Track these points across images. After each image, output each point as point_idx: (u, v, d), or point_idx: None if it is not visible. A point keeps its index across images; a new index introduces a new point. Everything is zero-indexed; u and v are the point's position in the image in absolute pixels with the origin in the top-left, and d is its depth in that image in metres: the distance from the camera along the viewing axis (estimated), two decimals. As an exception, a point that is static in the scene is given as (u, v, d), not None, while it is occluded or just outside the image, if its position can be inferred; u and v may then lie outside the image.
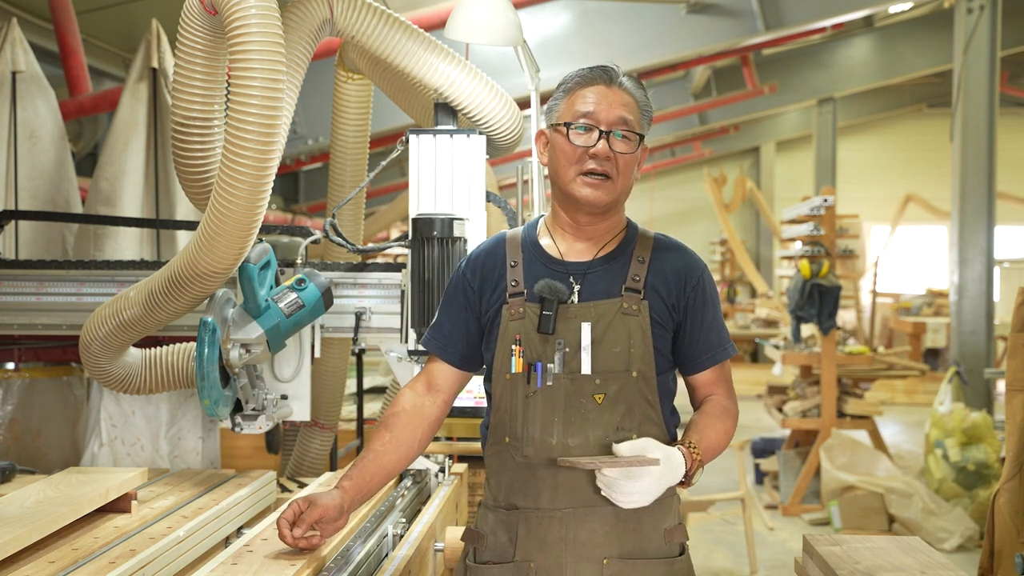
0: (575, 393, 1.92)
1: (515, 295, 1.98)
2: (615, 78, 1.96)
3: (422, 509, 2.63)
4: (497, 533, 1.97)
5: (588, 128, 1.93)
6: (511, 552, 1.94)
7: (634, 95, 1.97)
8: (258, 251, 2.55)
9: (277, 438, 3.41)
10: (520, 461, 1.95)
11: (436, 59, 2.76)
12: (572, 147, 1.93)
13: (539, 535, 1.92)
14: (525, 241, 2.04)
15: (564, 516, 1.91)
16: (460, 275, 2.07)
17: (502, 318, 1.98)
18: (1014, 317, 2.84)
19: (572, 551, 1.91)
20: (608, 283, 1.97)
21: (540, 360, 1.94)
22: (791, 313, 6.94)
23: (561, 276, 1.97)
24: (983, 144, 7.64)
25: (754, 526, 5.89)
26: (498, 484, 2.00)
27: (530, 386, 1.94)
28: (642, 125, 1.97)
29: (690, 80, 12.31)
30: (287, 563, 1.86)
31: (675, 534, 1.97)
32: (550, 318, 1.92)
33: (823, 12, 7.73)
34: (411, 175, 2.85)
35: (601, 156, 1.92)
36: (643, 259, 1.99)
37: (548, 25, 7.54)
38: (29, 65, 3.90)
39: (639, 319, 1.94)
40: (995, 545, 2.78)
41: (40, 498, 2.21)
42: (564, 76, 2.01)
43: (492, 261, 2.04)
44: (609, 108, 1.93)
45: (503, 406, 1.97)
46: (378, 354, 5.54)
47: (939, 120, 16.71)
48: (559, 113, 1.97)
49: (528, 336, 1.95)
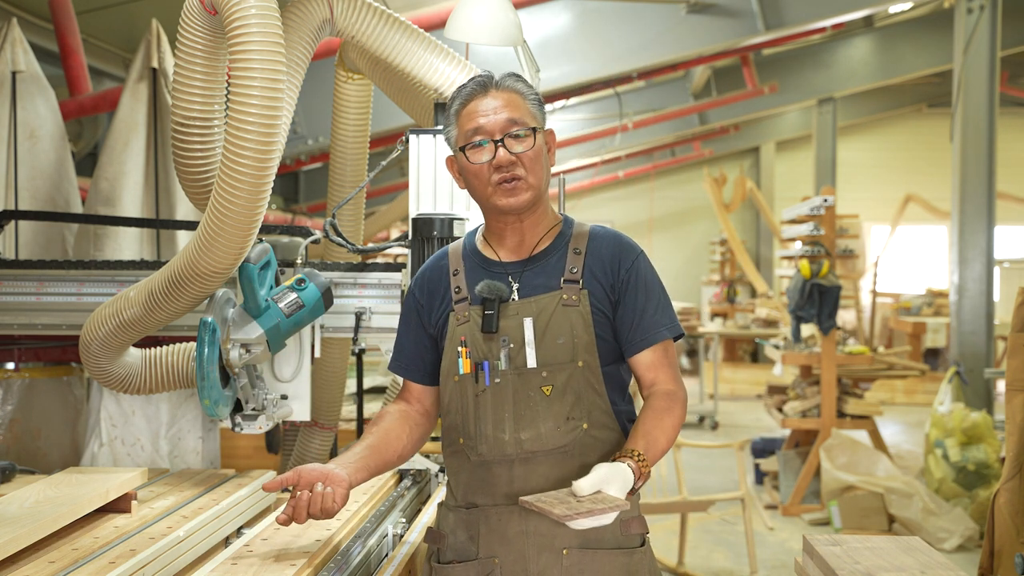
0: (523, 387, 1.96)
1: (460, 301, 2.04)
2: (490, 84, 2.01)
3: (422, 509, 2.63)
4: (457, 532, 2.01)
5: (484, 143, 1.98)
6: (474, 550, 1.98)
7: (516, 89, 2.02)
8: (258, 251, 2.55)
9: (277, 438, 3.41)
10: (475, 460, 1.99)
11: (436, 59, 2.76)
12: (476, 167, 1.99)
13: (500, 530, 1.96)
14: (466, 249, 2.11)
15: (522, 509, 1.92)
16: (410, 294, 2.14)
17: (449, 324, 2.04)
18: (1014, 317, 2.84)
19: (533, 543, 1.94)
20: (546, 277, 2.02)
21: (487, 359, 1.98)
22: (791, 313, 6.94)
23: (500, 276, 2.03)
24: (983, 144, 7.64)
25: (754, 526, 5.89)
26: (456, 484, 2.05)
27: (478, 385, 1.98)
28: (533, 115, 2.02)
29: (690, 80, 12.30)
30: (287, 563, 1.86)
31: (632, 525, 2.00)
32: (492, 317, 1.98)
33: (823, 12, 7.73)
34: (411, 175, 2.85)
35: (505, 164, 1.97)
36: (579, 250, 2.03)
37: (548, 25, 7.54)
38: (29, 65, 3.90)
39: (579, 309, 1.98)
40: (995, 545, 2.78)
41: (40, 498, 2.21)
42: (448, 100, 2.08)
43: (437, 274, 2.11)
44: (495, 115, 1.98)
45: (453, 408, 2.02)
46: (378, 354, 5.53)
47: (939, 120, 16.70)
48: (455, 139, 2.04)
49: (474, 337, 2.00)
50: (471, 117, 2.00)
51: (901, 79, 13.53)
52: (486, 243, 2.10)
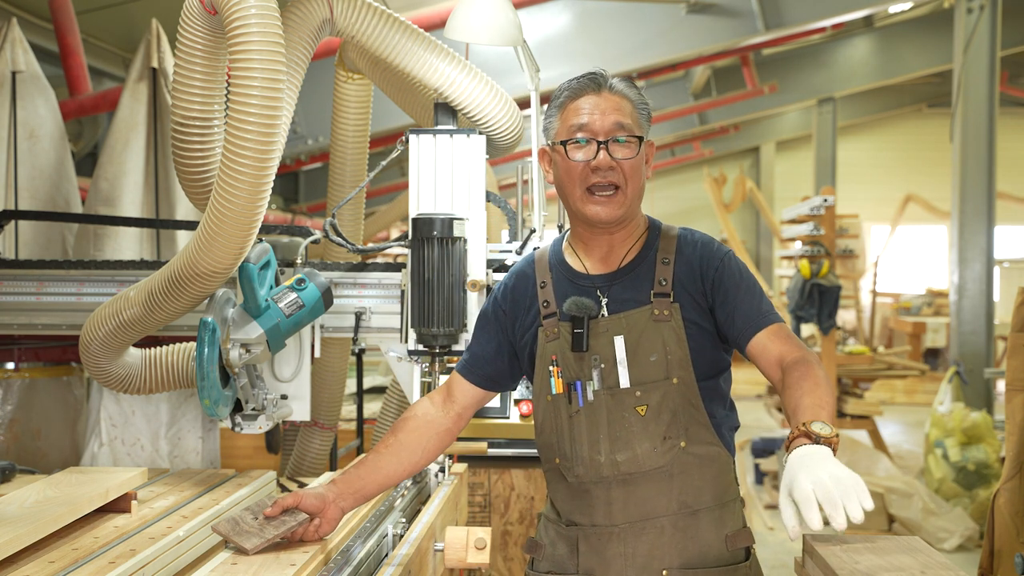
0: (617, 408, 1.89)
1: (548, 316, 1.96)
2: (604, 83, 1.92)
3: (422, 509, 2.63)
4: (557, 546, 1.99)
5: (586, 141, 1.88)
6: (572, 565, 1.96)
7: (627, 95, 1.92)
8: (258, 251, 2.55)
9: (277, 438, 3.40)
10: (572, 481, 1.94)
11: (436, 59, 2.76)
12: (573, 164, 1.89)
13: (599, 550, 1.93)
14: (552, 260, 2.02)
15: (622, 532, 1.91)
16: (493, 300, 2.08)
17: (538, 341, 1.97)
18: (1014, 317, 2.84)
19: (632, 564, 1.91)
20: (635, 291, 1.93)
21: (579, 379, 1.91)
22: (791, 313, 6.93)
23: (588, 291, 1.94)
24: (983, 144, 7.64)
25: (754, 526, 5.89)
26: (556, 500, 2.01)
27: (572, 406, 1.92)
28: (640, 125, 1.92)
29: (690, 80, 12.30)
30: (287, 563, 1.86)
31: (738, 539, 1.94)
32: (582, 336, 1.90)
33: (823, 12, 7.73)
34: (411, 175, 2.85)
35: (604, 168, 1.87)
36: (668, 260, 1.94)
37: (548, 25, 7.54)
38: (29, 65, 3.90)
39: (671, 323, 1.89)
40: (995, 545, 2.78)
41: (40, 498, 2.21)
42: (556, 89, 1.97)
43: (523, 284, 2.04)
44: (603, 116, 1.88)
45: (547, 427, 1.97)
46: (378, 354, 5.53)
47: (939, 120, 16.69)
48: (555, 131, 1.93)
49: (564, 355, 1.93)
50: (578, 112, 1.89)
51: (901, 79, 13.54)
52: (572, 252, 2.01)
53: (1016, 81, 14.77)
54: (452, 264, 2.70)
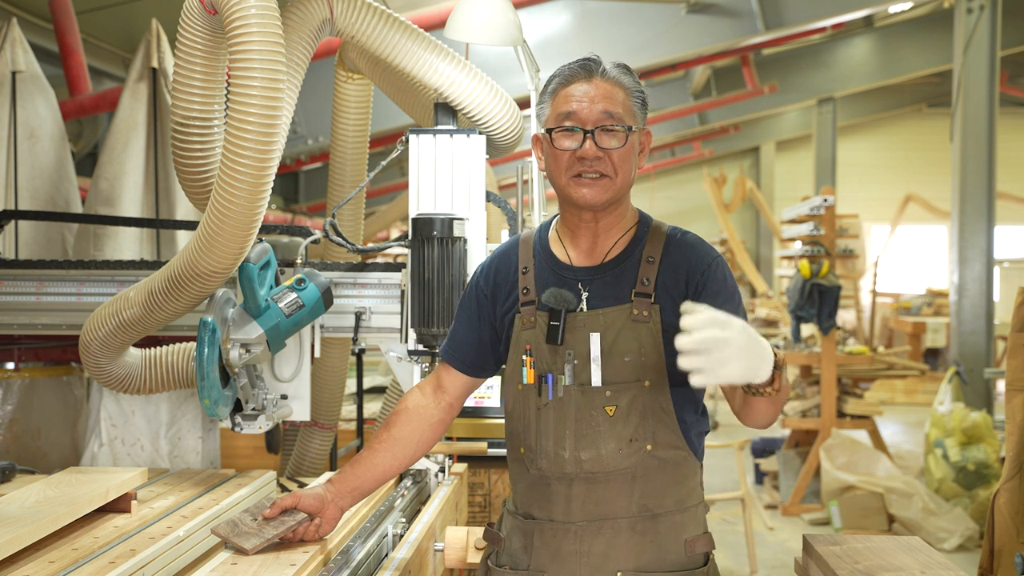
0: (586, 406, 1.86)
1: (527, 303, 1.93)
2: (595, 70, 1.87)
3: (422, 509, 2.63)
4: (513, 539, 1.96)
5: (572, 130, 1.85)
6: (526, 560, 1.92)
7: (621, 83, 1.87)
8: (258, 251, 2.55)
9: (277, 438, 3.41)
10: (535, 473, 1.92)
11: (436, 59, 2.76)
12: (560, 152, 1.86)
13: (553, 547, 1.89)
14: (536, 246, 1.98)
15: (579, 529, 1.87)
16: (474, 282, 2.04)
17: (515, 327, 1.94)
18: (1014, 317, 2.84)
19: (587, 563, 1.87)
20: (617, 288, 1.89)
21: (551, 372, 1.88)
22: (791, 313, 6.94)
23: (570, 283, 1.91)
24: (983, 144, 7.64)
25: (754, 526, 5.89)
26: (516, 491, 1.99)
27: (541, 398, 1.89)
28: (634, 113, 1.88)
29: (690, 80, 12.30)
30: (287, 563, 1.86)
31: (697, 544, 1.91)
32: (557, 328, 1.87)
33: (823, 12, 7.74)
34: (411, 175, 2.85)
35: (590, 157, 1.83)
36: (653, 259, 1.89)
37: (548, 25, 7.54)
38: (29, 65, 3.90)
39: (650, 325, 1.85)
40: (995, 545, 2.77)
41: (40, 498, 2.21)
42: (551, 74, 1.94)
43: (505, 267, 2.00)
44: (591, 104, 1.84)
45: (516, 415, 1.95)
46: (378, 354, 5.54)
47: (939, 120, 16.70)
48: (545, 118, 1.91)
49: (539, 346, 1.90)
50: (567, 100, 1.85)
51: (901, 79, 13.54)
52: (559, 240, 1.96)
53: (1016, 81, 14.78)
54: (452, 264, 2.70)
